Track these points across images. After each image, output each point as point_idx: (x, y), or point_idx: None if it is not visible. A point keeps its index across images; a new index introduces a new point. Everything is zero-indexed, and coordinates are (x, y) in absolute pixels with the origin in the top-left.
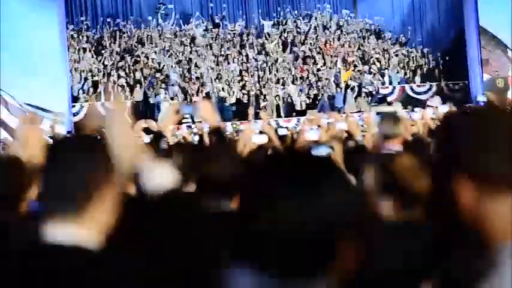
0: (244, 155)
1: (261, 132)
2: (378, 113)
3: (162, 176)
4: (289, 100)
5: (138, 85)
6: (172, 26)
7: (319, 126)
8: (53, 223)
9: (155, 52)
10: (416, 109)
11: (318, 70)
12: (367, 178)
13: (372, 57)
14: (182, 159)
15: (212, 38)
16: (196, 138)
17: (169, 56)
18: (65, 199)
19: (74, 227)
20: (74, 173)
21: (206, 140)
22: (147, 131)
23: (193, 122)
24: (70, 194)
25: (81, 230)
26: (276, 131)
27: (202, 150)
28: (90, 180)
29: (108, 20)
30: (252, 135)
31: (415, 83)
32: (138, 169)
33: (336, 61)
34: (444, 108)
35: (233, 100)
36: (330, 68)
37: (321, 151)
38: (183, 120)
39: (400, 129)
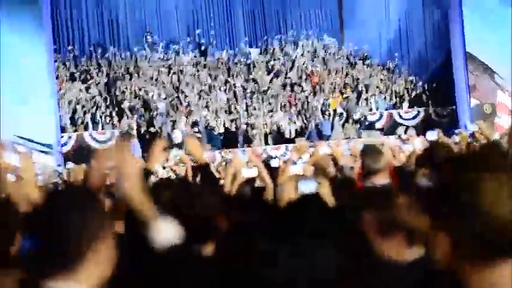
0: (232, 190)
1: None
2: (363, 145)
3: (167, 231)
4: (277, 128)
5: (125, 115)
6: (159, 54)
7: (300, 158)
8: (47, 279)
9: (144, 81)
10: (406, 140)
11: (306, 98)
12: (366, 220)
13: (359, 84)
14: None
15: (199, 66)
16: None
17: (156, 85)
18: (59, 253)
19: (68, 283)
20: (68, 227)
21: (190, 175)
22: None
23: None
24: (64, 248)
25: (76, 285)
26: (266, 161)
27: (185, 188)
28: (85, 235)
29: (96, 49)
30: (241, 168)
31: (402, 108)
32: (145, 221)
33: (323, 88)
34: (433, 135)
35: (221, 129)
36: (318, 95)
37: (308, 187)
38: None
39: (382, 163)
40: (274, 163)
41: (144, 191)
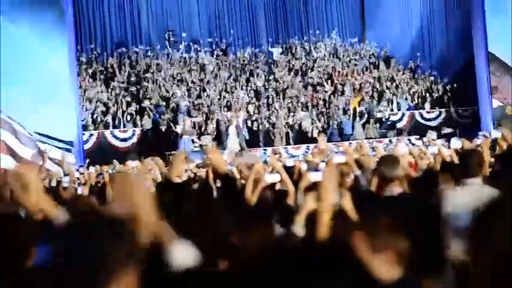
0: (254, 196)
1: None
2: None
3: (184, 254)
4: (298, 127)
5: (146, 113)
6: (181, 53)
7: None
8: None
9: (164, 79)
10: (432, 143)
11: (329, 98)
12: None
13: (381, 84)
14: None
15: (221, 65)
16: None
17: (178, 84)
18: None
19: None
20: (90, 257)
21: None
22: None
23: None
24: (85, 278)
25: None
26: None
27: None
28: (108, 266)
29: (117, 47)
30: (263, 173)
31: (424, 109)
32: (162, 246)
33: (345, 88)
34: (457, 144)
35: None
36: (340, 95)
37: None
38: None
39: (399, 171)
40: (289, 162)
41: (158, 216)
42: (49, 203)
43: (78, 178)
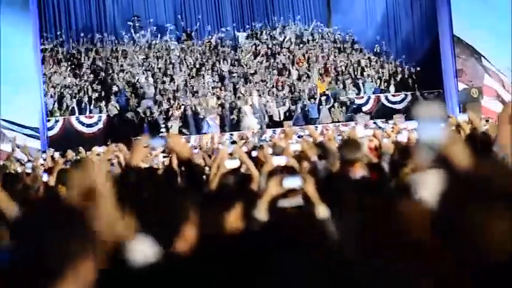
0: (216, 180)
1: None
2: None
3: (144, 251)
4: (265, 112)
5: (112, 99)
6: (146, 38)
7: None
8: None
9: (130, 65)
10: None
11: (293, 82)
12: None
13: (346, 67)
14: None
15: (186, 50)
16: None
17: (144, 70)
18: (36, 269)
19: None
20: (47, 243)
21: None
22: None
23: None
24: (41, 264)
25: None
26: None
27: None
28: (64, 254)
29: (83, 33)
30: (225, 159)
31: (389, 92)
32: (121, 242)
33: (311, 72)
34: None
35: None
36: (305, 80)
37: (293, 183)
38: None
39: (360, 154)
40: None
41: (117, 207)
42: (4, 199)
43: (42, 164)
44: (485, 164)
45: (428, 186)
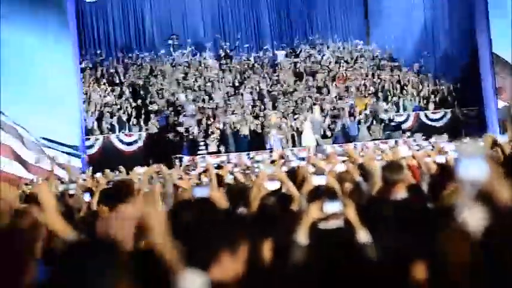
0: (257, 202)
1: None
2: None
3: (193, 283)
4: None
5: (152, 117)
6: (185, 57)
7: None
8: None
9: (169, 83)
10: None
11: (333, 100)
12: None
13: (385, 85)
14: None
15: (226, 69)
16: None
17: (183, 88)
18: None
19: None
20: (87, 279)
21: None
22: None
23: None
24: None
25: None
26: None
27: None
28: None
29: (122, 52)
30: (265, 180)
31: (429, 110)
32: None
33: (350, 90)
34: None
35: (247, 131)
36: (345, 97)
37: (334, 208)
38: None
39: (403, 175)
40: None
41: (170, 241)
42: (61, 223)
43: (82, 184)
44: None
45: (472, 222)
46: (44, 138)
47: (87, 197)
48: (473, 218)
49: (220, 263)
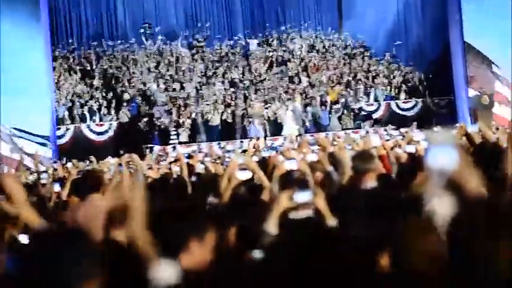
0: (228, 192)
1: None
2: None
3: (167, 272)
4: (274, 119)
5: (123, 106)
6: (157, 45)
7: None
8: None
9: (141, 72)
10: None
11: (304, 89)
12: None
13: (357, 75)
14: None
15: (197, 58)
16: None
17: (155, 78)
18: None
19: None
20: (57, 265)
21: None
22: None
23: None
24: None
25: None
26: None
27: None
28: (74, 274)
29: (93, 41)
30: (236, 170)
31: (400, 99)
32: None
33: (322, 80)
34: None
35: (218, 121)
36: (316, 86)
37: (304, 198)
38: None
39: (373, 165)
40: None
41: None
42: (30, 213)
43: (53, 174)
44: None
45: (440, 211)
46: (16, 129)
47: (57, 187)
48: (442, 207)
49: (189, 250)
